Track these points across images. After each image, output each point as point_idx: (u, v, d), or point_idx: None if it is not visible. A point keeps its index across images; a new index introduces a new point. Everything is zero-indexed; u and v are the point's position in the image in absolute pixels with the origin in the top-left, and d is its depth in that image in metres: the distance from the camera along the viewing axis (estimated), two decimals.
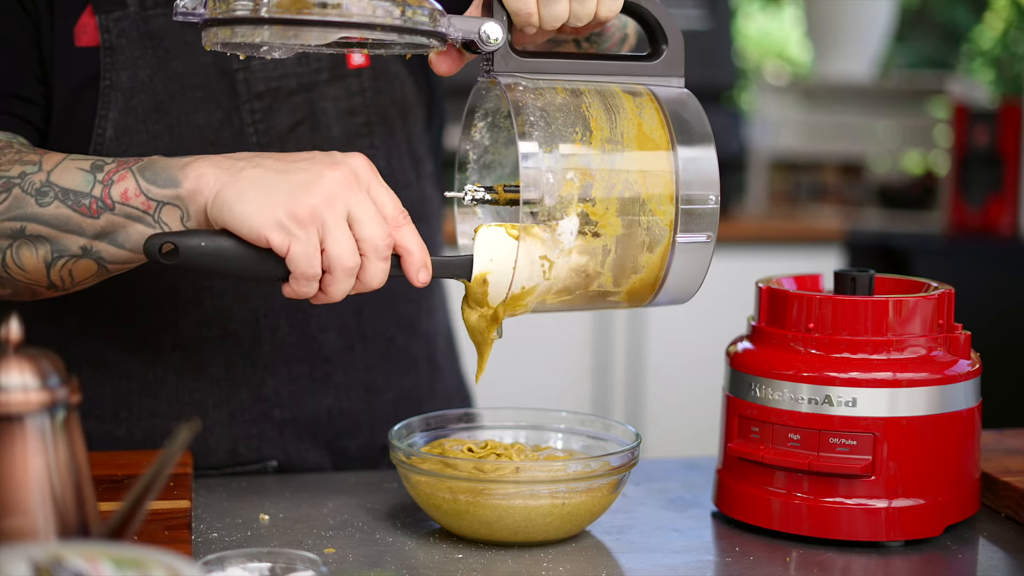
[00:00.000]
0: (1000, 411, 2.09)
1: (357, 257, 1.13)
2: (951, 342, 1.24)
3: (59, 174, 1.20)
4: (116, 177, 1.18)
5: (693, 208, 1.19)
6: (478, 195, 1.24)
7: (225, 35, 1.12)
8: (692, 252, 1.20)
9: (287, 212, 1.11)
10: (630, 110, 1.19)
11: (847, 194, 4.36)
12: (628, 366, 3.65)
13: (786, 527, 1.22)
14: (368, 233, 1.13)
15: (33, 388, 0.87)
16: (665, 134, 1.19)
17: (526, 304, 1.19)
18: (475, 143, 1.30)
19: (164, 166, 1.17)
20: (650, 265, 1.20)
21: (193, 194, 1.15)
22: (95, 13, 1.36)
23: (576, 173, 1.15)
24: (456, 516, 1.19)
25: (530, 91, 1.17)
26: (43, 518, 0.87)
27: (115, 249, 1.19)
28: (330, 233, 1.12)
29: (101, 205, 1.18)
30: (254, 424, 1.45)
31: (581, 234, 1.16)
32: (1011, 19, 6.63)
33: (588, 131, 1.16)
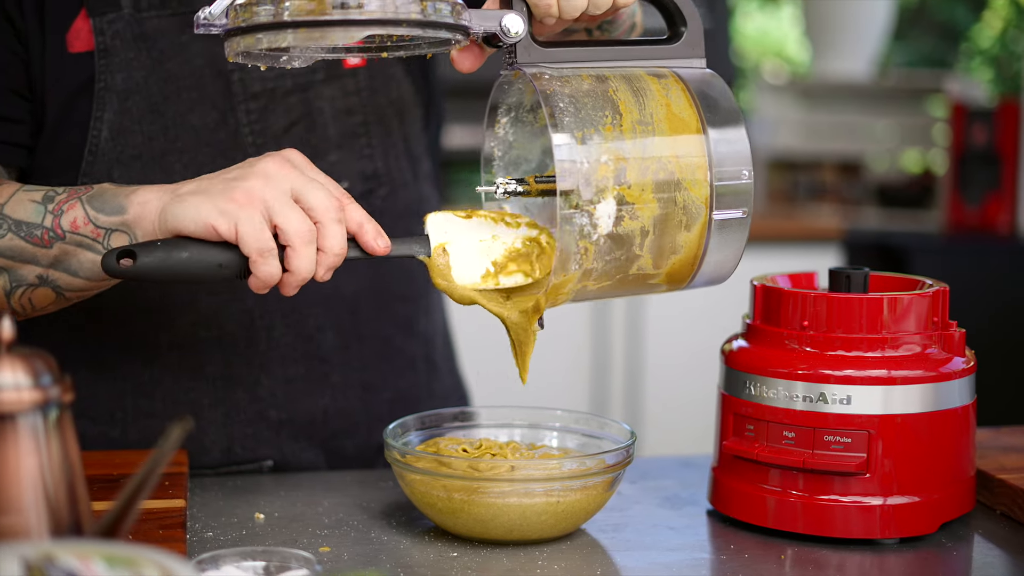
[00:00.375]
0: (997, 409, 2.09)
1: (309, 223, 1.14)
2: (946, 339, 1.24)
3: (12, 206, 1.23)
4: (66, 207, 1.21)
5: (727, 184, 1.20)
6: (510, 188, 1.24)
7: (248, 43, 1.13)
8: (729, 228, 1.21)
9: (225, 198, 1.13)
10: (657, 92, 1.19)
11: (845, 193, 4.36)
12: (626, 365, 3.65)
13: (781, 525, 1.22)
14: (314, 200, 1.14)
15: (26, 387, 0.87)
16: (694, 113, 1.19)
17: (567, 292, 1.19)
18: (499, 139, 1.30)
19: (112, 194, 1.20)
20: (688, 244, 1.20)
21: (139, 219, 1.18)
22: (89, 16, 1.36)
23: (610, 157, 1.16)
24: (451, 515, 1.19)
25: (556, 80, 1.17)
26: (36, 517, 0.87)
27: (69, 277, 1.23)
28: (275, 209, 1.13)
29: (52, 235, 1.21)
30: (250, 424, 1.45)
31: (619, 217, 1.16)
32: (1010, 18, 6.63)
33: (618, 115, 1.17)
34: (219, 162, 1.39)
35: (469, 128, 3.95)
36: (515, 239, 1.22)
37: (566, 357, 3.61)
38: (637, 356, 3.65)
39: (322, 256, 1.15)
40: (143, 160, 1.38)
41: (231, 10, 1.13)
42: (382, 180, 1.48)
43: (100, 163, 1.37)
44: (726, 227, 1.20)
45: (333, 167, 1.45)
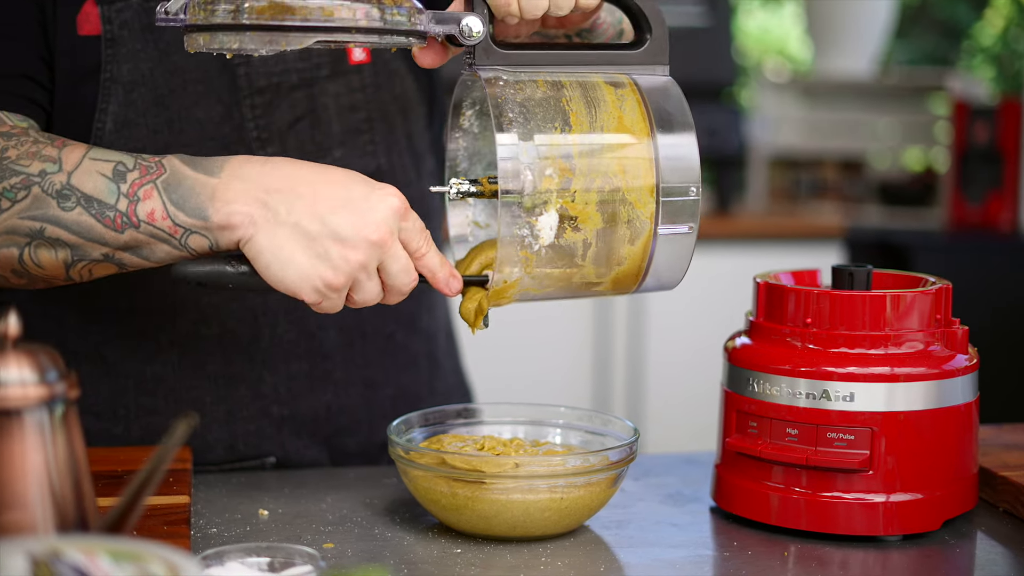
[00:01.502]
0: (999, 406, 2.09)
1: (381, 294, 1.20)
2: (948, 337, 1.24)
3: (80, 177, 1.19)
4: (142, 193, 1.18)
5: (674, 200, 1.19)
6: (463, 188, 1.25)
7: (205, 40, 1.14)
8: (674, 243, 1.20)
9: (323, 280, 1.15)
10: (611, 102, 1.19)
11: (847, 191, 4.36)
12: (628, 362, 3.65)
13: (784, 522, 1.22)
14: (395, 281, 1.19)
15: (31, 383, 0.87)
16: (646, 126, 1.19)
17: (509, 296, 1.21)
18: (464, 131, 1.31)
19: (190, 187, 1.17)
20: (632, 257, 1.20)
21: (223, 229, 1.16)
22: (98, 3, 1.36)
23: (555, 168, 1.16)
24: (455, 511, 1.19)
25: (510, 85, 1.18)
26: (41, 512, 0.87)
27: (138, 260, 1.21)
28: (359, 286, 1.18)
29: (126, 221, 1.18)
30: (252, 421, 1.45)
31: (561, 229, 1.16)
32: (1011, 16, 6.63)
33: (568, 125, 1.17)
34: (223, 156, 1.39)
35: None
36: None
37: (568, 354, 3.61)
38: (639, 353, 3.66)
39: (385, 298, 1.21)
40: (147, 152, 1.37)
41: (189, 7, 1.14)
42: (385, 177, 1.48)
43: None
44: (672, 241, 1.20)
45: (336, 163, 1.45)
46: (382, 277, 1.18)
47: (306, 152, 1.43)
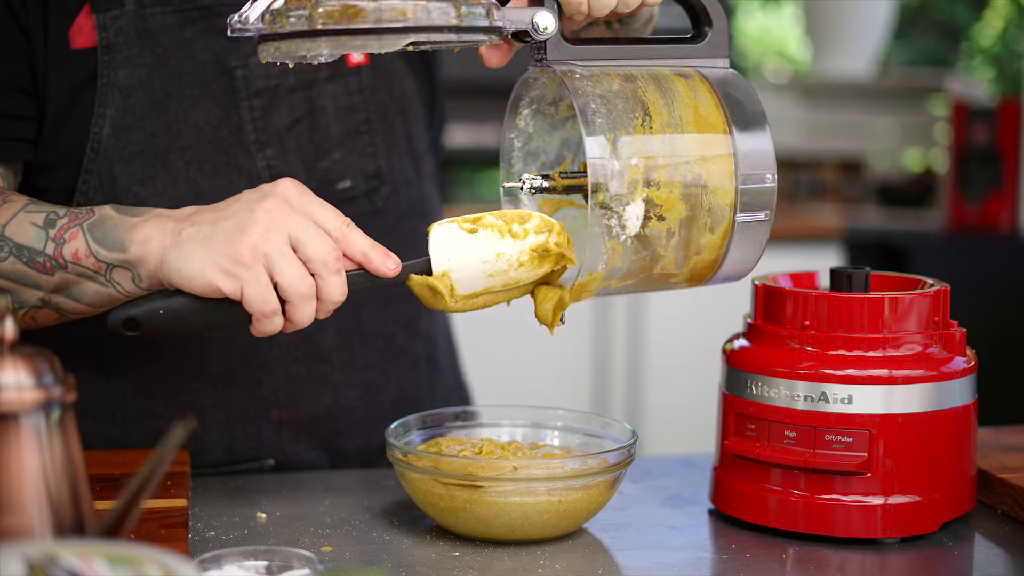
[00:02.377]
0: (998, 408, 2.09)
1: (309, 278, 1.15)
2: (947, 339, 1.24)
3: (13, 228, 1.23)
4: (67, 236, 1.21)
5: (752, 187, 1.20)
6: (536, 183, 1.24)
7: (286, 49, 1.13)
8: (751, 231, 1.21)
9: (229, 257, 1.13)
10: (684, 93, 1.20)
11: (847, 192, 4.36)
12: (627, 364, 3.65)
13: (782, 524, 1.22)
14: (312, 251, 1.15)
15: (28, 387, 0.87)
16: (721, 115, 1.20)
17: (592, 290, 1.20)
18: (520, 131, 1.31)
19: (113, 226, 1.20)
20: (711, 246, 1.21)
21: (140, 260, 1.18)
22: (92, 12, 1.36)
23: (640, 159, 1.16)
24: (452, 514, 1.19)
25: (587, 79, 1.18)
26: (38, 516, 0.87)
27: (72, 302, 1.24)
28: (275, 264, 1.14)
29: (54, 263, 1.21)
30: (251, 424, 1.45)
31: (646, 219, 1.16)
32: (1011, 17, 6.62)
33: (648, 116, 1.17)
34: (221, 159, 1.39)
35: (471, 127, 3.96)
36: (520, 252, 1.20)
37: (567, 356, 3.61)
38: (638, 355, 3.66)
39: (321, 304, 1.17)
40: (145, 156, 1.38)
41: (266, 15, 1.13)
42: (385, 178, 1.48)
43: (102, 159, 1.37)
44: (748, 229, 1.21)
45: (336, 165, 1.45)
46: (298, 253, 1.14)
47: (305, 154, 1.43)
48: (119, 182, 1.37)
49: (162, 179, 1.38)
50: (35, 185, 1.39)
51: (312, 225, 1.15)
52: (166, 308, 1.16)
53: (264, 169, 1.41)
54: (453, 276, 1.19)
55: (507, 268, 1.19)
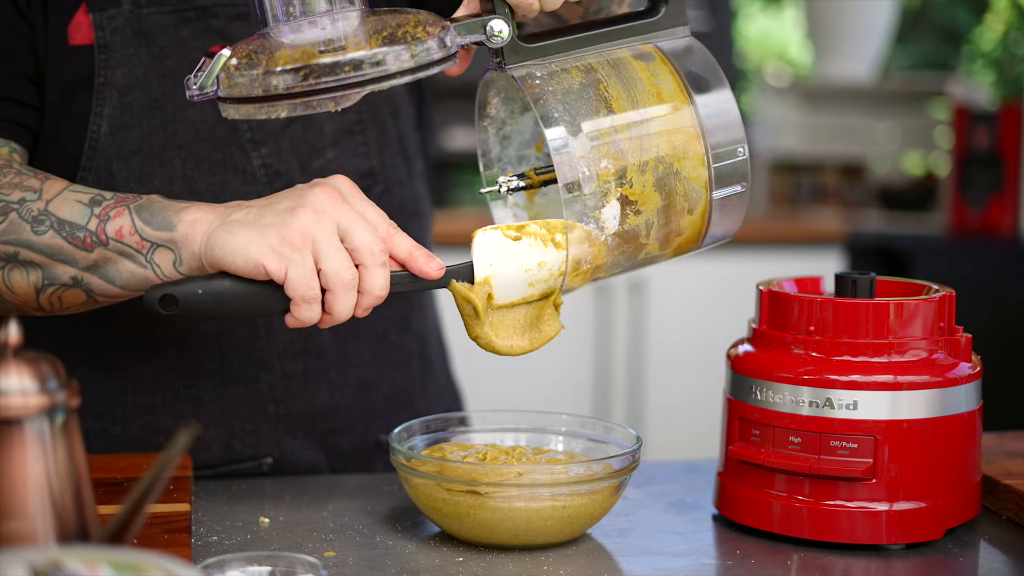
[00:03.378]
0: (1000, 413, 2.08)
1: (353, 269, 1.15)
2: (952, 345, 1.24)
3: (58, 204, 1.22)
4: (113, 213, 1.21)
5: (724, 164, 1.20)
6: (512, 184, 1.24)
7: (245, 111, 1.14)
8: (730, 203, 1.22)
9: (278, 236, 1.13)
10: (646, 79, 1.19)
11: (848, 195, 4.36)
12: (628, 367, 3.65)
13: (787, 530, 1.22)
14: (359, 241, 1.15)
15: (32, 392, 0.86)
16: (683, 95, 1.20)
17: (578, 286, 1.22)
18: (492, 119, 1.31)
19: (161, 207, 1.20)
20: (692, 225, 1.21)
21: (186, 239, 1.17)
22: (89, 11, 1.37)
23: (609, 159, 1.16)
24: (456, 519, 1.19)
25: (546, 80, 1.17)
26: (42, 522, 0.87)
27: (104, 283, 1.22)
28: (322, 250, 1.14)
29: (95, 239, 1.20)
30: (249, 420, 1.45)
31: (624, 216, 1.17)
32: (1011, 20, 6.63)
33: (611, 111, 1.17)
34: (217, 157, 1.40)
35: (471, 131, 3.95)
36: (562, 263, 1.20)
37: (568, 359, 3.61)
38: (639, 358, 3.65)
39: (362, 297, 1.16)
40: (142, 155, 1.38)
41: (221, 77, 1.13)
42: (377, 178, 1.49)
43: (100, 157, 1.37)
44: (727, 203, 1.22)
45: (330, 164, 1.46)
46: (345, 242, 1.15)
47: (300, 152, 1.44)
48: (117, 180, 1.38)
49: (159, 177, 1.39)
50: None
51: (361, 217, 1.16)
52: (205, 288, 1.14)
53: (260, 168, 1.42)
54: (494, 282, 1.20)
55: (547, 278, 1.20)
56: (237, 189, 1.41)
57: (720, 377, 1.32)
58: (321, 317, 1.16)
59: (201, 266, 1.17)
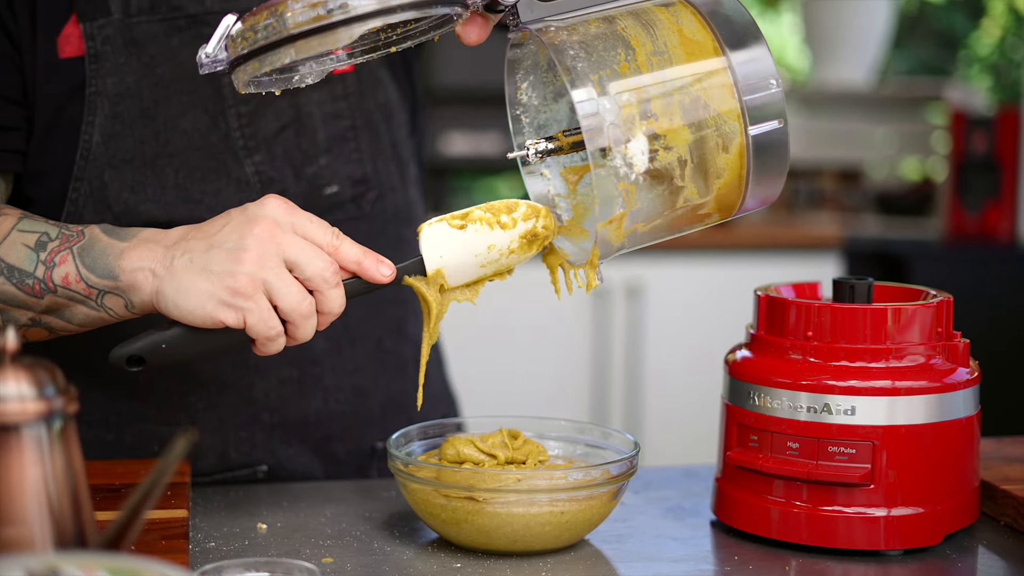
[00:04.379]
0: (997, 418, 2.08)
1: (309, 298, 1.16)
2: (950, 350, 1.24)
3: (6, 248, 1.23)
4: (58, 259, 1.21)
5: (757, 97, 1.17)
6: (540, 147, 1.23)
7: (254, 68, 1.12)
8: (769, 141, 1.17)
9: (228, 290, 1.14)
10: (667, 20, 1.18)
11: (845, 200, 4.36)
12: (626, 372, 3.65)
13: (785, 536, 1.22)
14: (310, 271, 1.15)
15: (30, 398, 0.86)
16: (709, 34, 1.17)
17: (619, 238, 1.17)
18: (524, 106, 1.29)
19: (102, 251, 1.20)
20: (731, 165, 1.17)
21: (132, 287, 1.18)
22: (79, 21, 1.37)
23: (631, 94, 1.14)
24: (454, 525, 1.19)
25: (563, 30, 1.16)
26: (39, 528, 0.86)
27: (63, 323, 1.24)
28: (275, 289, 1.14)
29: (44, 287, 1.21)
30: (244, 427, 1.45)
31: (652, 152, 1.14)
32: (1008, 26, 6.63)
33: (631, 50, 1.15)
34: (210, 165, 1.40)
35: (469, 136, 3.95)
36: (511, 241, 1.20)
37: (566, 363, 3.61)
38: (637, 363, 3.65)
39: (322, 317, 1.17)
40: (135, 164, 1.38)
41: (228, 42, 1.13)
42: (371, 184, 1.49)
43: (92, 167, 1.37)
44: (765, 140, 1.17)
45: (323, 170, 1.46)
46: (295, 273, 1.15)
47: (293, 159, 1.44)
48: (109, 189, 1.37)
49: (152, 186, 1.39)
50: (26, 194, 1.40)
51: (305, 243, 1.16)
52: (167, 341, 1.16)
53: (253, 175, 1.42)
54: (446, 272, 1.20)
55: (498, 257, 1.20)
56: (231, 197, 1.41)
57: (717, 382, 1.31)
58: (287, 342, 1.17)
59: (154, 310, 1.18)
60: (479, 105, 3.89)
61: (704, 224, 1.21)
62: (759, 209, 1.23)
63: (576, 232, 1.27)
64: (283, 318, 1.15)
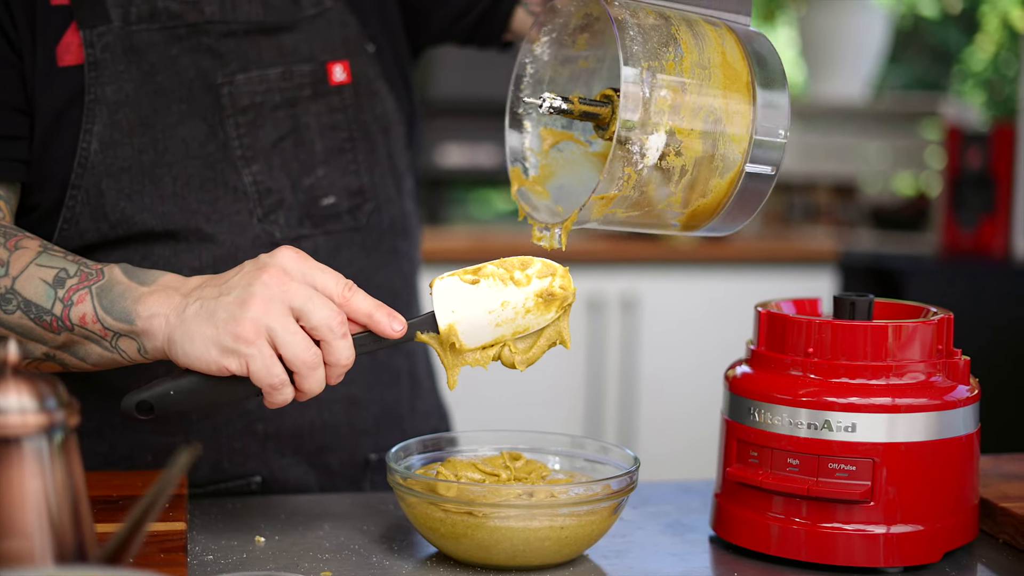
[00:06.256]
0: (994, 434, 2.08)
1: (314, 348, 1.15)
2: (950, 367, 1.24)
3: (23, 282, 1.23)
4: (76, 298, 1.21)
5: (766, 140, 1.21)
6: (556, 104, 1.23)
7: None
8: (757, 183, 1.22)
9: (232, 335, 1.13)
10: (714, 39, 1.20)
11: (840, 215, 4.37)
12: (621, 385, 3.64)
13: (784, 552, 1.21)
14: (316, 319, 1.14)
15: (31, 410, 0.86)
16: (745, 66, 1.21)
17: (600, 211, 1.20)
18: (535, 57, 1.31)
19: (120, 293, 1.20)
20: (718, 190, 1.21)
21: (146, 333, 1.18)
22: (79, 29, 1.37)
23: (669, 92, 1.16)
24: (453, 539, 1.19)
25: (626, 9, 1.18)
26: (40, 541, 0.86)
27: (76, 360, 1.25)
28: (278, 337, 1.13)
29: (61, 324, 1.22)
30: (237, 438, 1.45)
31: (665, 152, 1.16)
32: (1002, 41, 6.65)
33: (680, 53, 1.17)
34: (208, 175, 1.40)
35: (465, 147, 3.95)
36: (525, 299, 1.20)
37: (560, 376, 3.60)
38: (632, 376, 3.65)
39: (330, 370, 1.16)
40: (132, 172, 1.38)
41: None
42: (368, 196, 1.49)
43: (90, 175, 1.37)
44: (754, 181, 1.22)
45: (320, 181, 1.46)
46: (302, 322, 1.14)
47: (291, 170, 1.44)
48: (106, 198, 1.37)
49: (150, 195, 1.38)
50: (24, 203, 1.40)
51: (313, 292, 1.15)
52: (176, 389, 1.16)
53: (251, 185, 1.42)
54: (459, 328, 1.19)
55: (514, 316, 1.20)
56: (228, 207, 1.41)
57: (713, 395, 1.31)
58: (296, 395, 1.16)
59: (166, 356, 1.18)
60: (475, 116, 3.89)
61: (662, 231, 1.26)
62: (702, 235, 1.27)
63: (539, 191, 1.30)
64: (289, 368, 1.14)
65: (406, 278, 1.56)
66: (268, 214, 1.43)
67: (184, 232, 1.40)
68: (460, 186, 4.28)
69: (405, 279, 1.56)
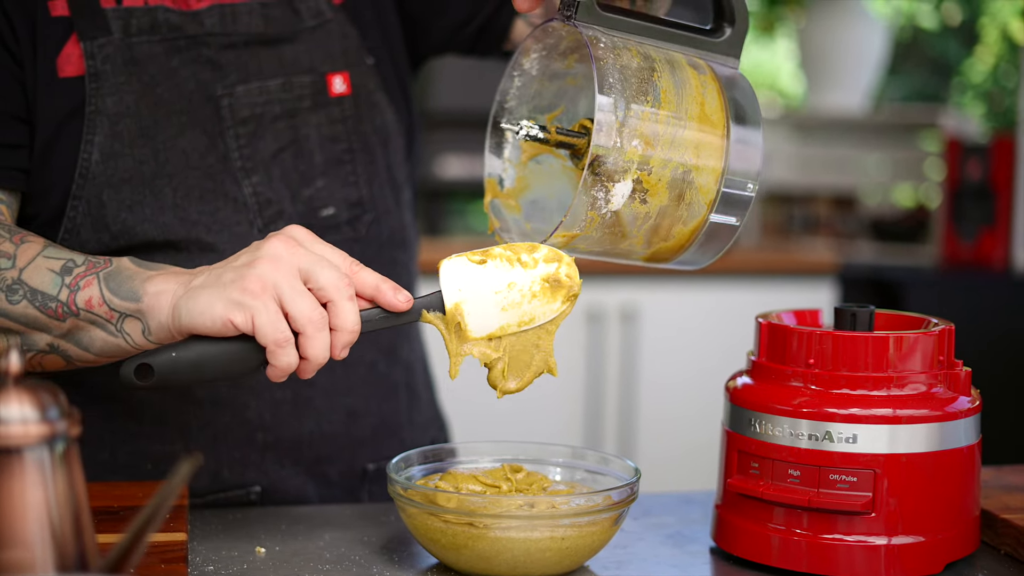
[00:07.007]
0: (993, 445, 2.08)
1: (320, 308, 1.14)
2: (951, 379, 1.24)
3: (30, 273, 1.23)
4: (83, 283, 1.22)
5: (733, 192, 1.22)
6: (532, 132, 1.24)
7: None
8: (720, 232, 1.23)
9: (239, 289, 1.13)
10: (695, 87, 1.21)
11: (840, 227, 4.37)
12: (620, 396, 3.64)
13: (785, 564, 1.21)
14: (323, 280, 1.14)
15: (32, 420, 0.86)
16: (723, 117, 1.22)
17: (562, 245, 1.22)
18: (524, 71, 1.31)
19: (129, 275, 1.20)
20: (680, 236, 1.23)
21: (152, 309, 1.18)
22: (80, 40, 1.37)
23: (641, 141, 1.17)
24: (454, 550, 1.18)
25: (610, 49, 1.19)
26: (41, 551, 0.86)
27: (80, 350, 1.24)
28: (285, 293, 1.13)
29: (67, 310, 1.22)
30: (237, 448, 1.45)
31: (631, 199, 1.17)
32: (1002, 53, 6.65)
33: (658, 102, 1.18)
34: (208, 186, 1.40)
35: (464, 159, 3.96)
36: (532, 283, 1.20)
37: (560, 387, 3.60)
38: (631, 386, 3.65)
39: (336, 335, 1.15)
40: (133, 183, 1.39)
41: None
42: (367, 207, 1.50)
43: (91, 186, 1.37)
44: (718, 230, 1.23)
45: (320, 192, 1.46)
46: (309, 284, 1.14)
47: (290, 181, 1.45)
48: (107, 208, 1.38)
49: (150, 206, 1.39)
50: (24, 213, 1.40)
51: (321, 258, 1.15)
52: (179, 353, 1.14)
53: (251, 196, 1.42)
54: (465, 308, 1.19)
55: (520, 300, 1.20)
56: (228, 217, 1.41)
57: (712, 406, 1.31)
58: (300, 365, 1.15)
59: (171, 335, 1.17)
60: (474, 128, 3.88)
61: (625, 261, 1.27)
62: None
63: (512, 205, 1.31)
64: (295, 328, 1.13)
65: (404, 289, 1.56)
66: (268, 224, 1.43)
67: (185, 242, 1.40)
68: (459, 197, 4.28)
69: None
